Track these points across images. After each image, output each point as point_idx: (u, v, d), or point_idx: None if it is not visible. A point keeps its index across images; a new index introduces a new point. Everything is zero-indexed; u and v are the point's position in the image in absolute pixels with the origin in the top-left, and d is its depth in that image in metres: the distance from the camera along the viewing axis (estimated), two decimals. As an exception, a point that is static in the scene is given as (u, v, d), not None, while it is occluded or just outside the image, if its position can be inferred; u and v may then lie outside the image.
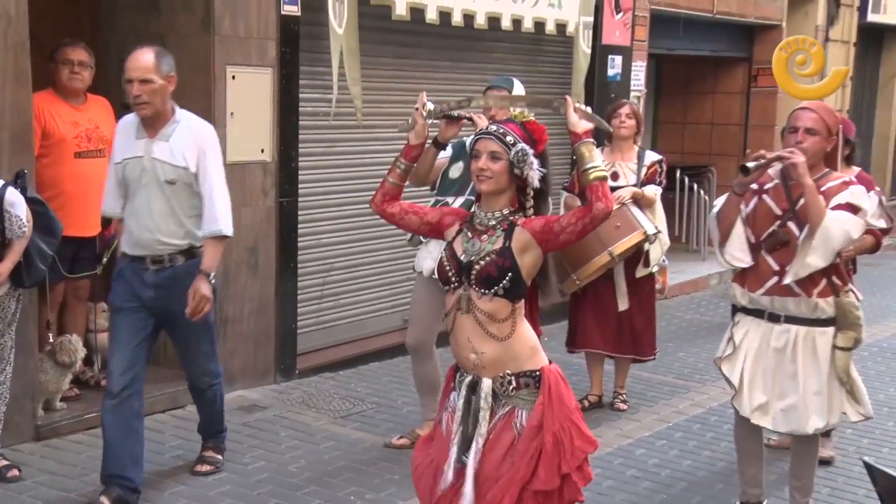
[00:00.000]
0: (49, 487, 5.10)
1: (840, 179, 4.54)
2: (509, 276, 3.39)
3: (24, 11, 5.42)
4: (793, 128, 4.53)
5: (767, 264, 4.53)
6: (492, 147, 3.46)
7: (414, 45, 7.92)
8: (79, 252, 6.14)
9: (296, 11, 6.87)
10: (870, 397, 7.24)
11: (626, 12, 9.83)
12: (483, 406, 3.45)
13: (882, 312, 10.62)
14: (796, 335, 4.53)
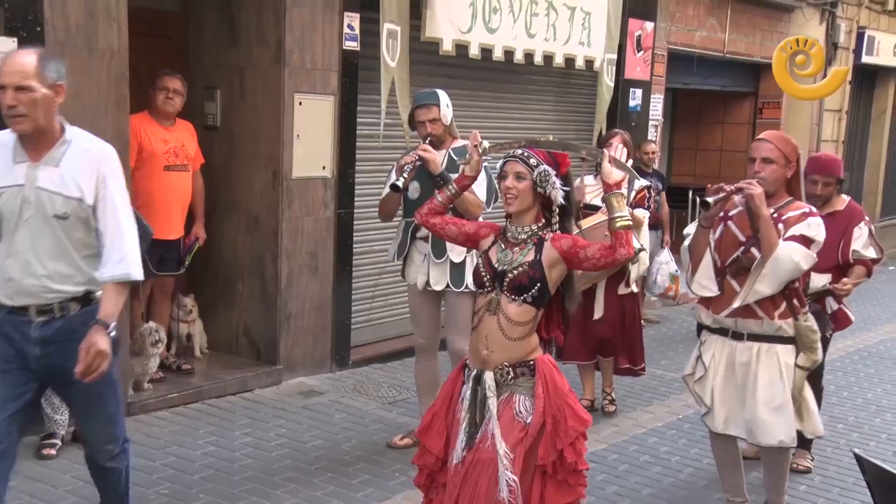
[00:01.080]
0: (137, 457, 5.07)
1: (801, 210, 4.32)
2: (538, 286, 3.44)
3: (125, 47, 5.54)
4: (751, 158, 4.38)
5: (732, 288, 4.33)
6: (517, 168, 3.49)
7: (459, 77, 7.86)
8: (165, 253, 6.15)
9: (355, 47, 6.92)
10: (859, 397, 7.42)
11: (646, 50, 9.80)
12: (489, 395, 3.47)
13: (871, 321, 10.60)
14: (759, 350, 4.32)
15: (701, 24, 10.80)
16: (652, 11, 9.86)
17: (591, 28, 8.77)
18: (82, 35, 5.36)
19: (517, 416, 3.46)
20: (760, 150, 4.32)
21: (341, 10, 6.80)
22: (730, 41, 11.27)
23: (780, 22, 12.26)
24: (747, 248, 4.28)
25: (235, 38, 6.71)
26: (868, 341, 9.58)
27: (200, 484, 4.89)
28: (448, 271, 5.28)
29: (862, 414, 7.04)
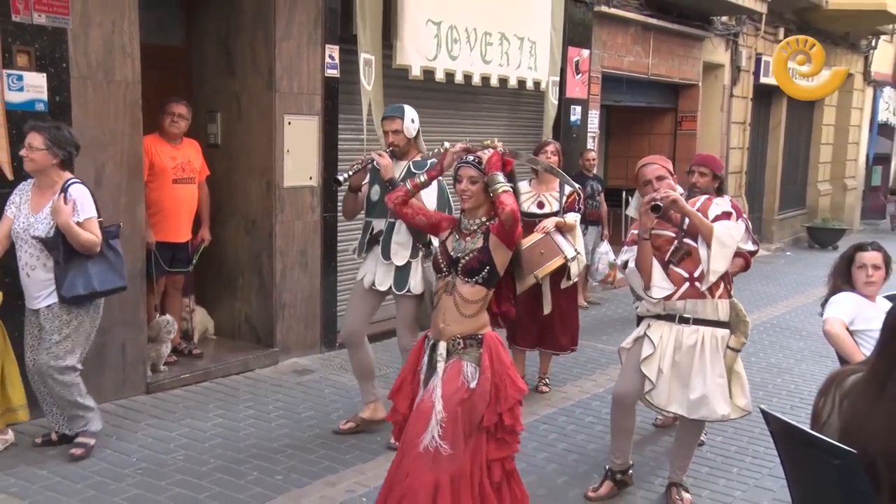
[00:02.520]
0: (156, 429, 5.19)
1: (703, 198, 4.40)
2: (487, 268, 3.48)
3: (139, 79, 5.52)
4: (646, 181, 4.28)
5: (678, 274, 4.18)
6: (470, 173, 3.54)
7: (426, 98, 7.77)
8: (175, 254, 6.15)
9: (336, 74, 6.91)
10: (763, 361, 7.56)
11: (583, 73, 9.84)
12: (439, 360, 3.52)
13: (772, 298, 10.83)
14: (703, 335, 4.17)
15: (628, 51, 10.88)
16: (587, 41, 9.90)
17: (537, 55, 8.79)
18: (102, 69, 5.34)
19: (463, 377, 3.48)
20: (651, 172, 4.30)
21: (323, 42, 6.78)
22: (653, 65, 11.34)
23: (694, 49, 12.36)
24: (681, 240, 4.19)
25: (233, 68, 6.69)
26: (770, 315, 9.79)
27: (211, 451, 4.90)
28: (392, 274, 5.01)
29: (766, 375, 7.17)
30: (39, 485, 4.34)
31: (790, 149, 17.14)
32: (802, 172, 18.31)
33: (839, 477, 2.68)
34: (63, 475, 4.46)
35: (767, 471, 4.95)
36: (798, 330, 9.04)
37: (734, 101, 13.82)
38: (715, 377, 4.17)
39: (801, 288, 11.76)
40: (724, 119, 13.57)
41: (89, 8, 5.24)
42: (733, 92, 13.76)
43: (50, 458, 4.67)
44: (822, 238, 16.89)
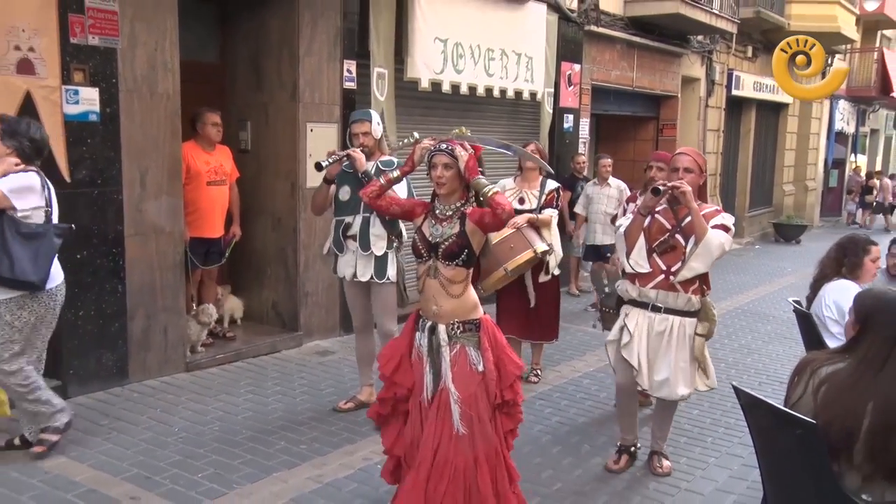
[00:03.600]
0: (194, 402, 5.23)
1: (713, 207, 4.24)
2: (466, 251, 3.34)
3: (178, 91, 5.55)
4: (673, 168, 4.18)
5: (657, 265, 4.12)
6: (444, 160, 3.37)
7: (433, 108, 7.90)
8: (210, 248, 6.18)
9: (353, 86, 6.93)
10: (735, 343, 7.60)
11: (575, 85, 9.86)
12: (442, 344, 3.36)
13: (743, 286, 10.88)
14: (672, 323, 4.14)
15: (615, 66, 10.90)
16: (578, 56, 9.92)
17: (534, 69, 8.81)
18: (146, 83, 5.38)
19: (472, 365, 3.36)
20: (682, 162, 4.16)
21: (341, 58, 6.82)
22: (637, 78, 11.37)
23: (673, 64, 12.39)
24: (672, 234, 4.11)
25: (261, 82, 6.72)
26: (741, 301, 9.86)
27: (243, 423, 4.94)
28: (372, 265, 4.90)
29: (737, 355, 7.22)
30: (96, 450, 4.41)
31: (759, 153, 17.24)
32: (769, 175, 18.39)
33: (800, 444, 2.74)
34: (115, 442, 4.52)
35: (738, 440, 5.00)
36: (765, 315, 9.08)
37: (709, 110, 13.88)
38: (679, 362, 4.15)
39: (769, 278, 11.83)
40: (700, 127, 13.61)
41: (136, 30, 5.28)
42: (708, 103, 13.81)
43: (102, 427, 4.73)
44: (787, 233, 17.05)
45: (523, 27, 8.63)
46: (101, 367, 5.32)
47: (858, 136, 24.63)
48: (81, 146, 5.06)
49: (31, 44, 4.68)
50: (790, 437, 2.77)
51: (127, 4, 5.21)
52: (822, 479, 2.69)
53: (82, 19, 4.99)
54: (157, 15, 5.39)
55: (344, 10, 6.78)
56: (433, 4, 7.35)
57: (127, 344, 5.44)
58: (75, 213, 5.08)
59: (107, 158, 5.23)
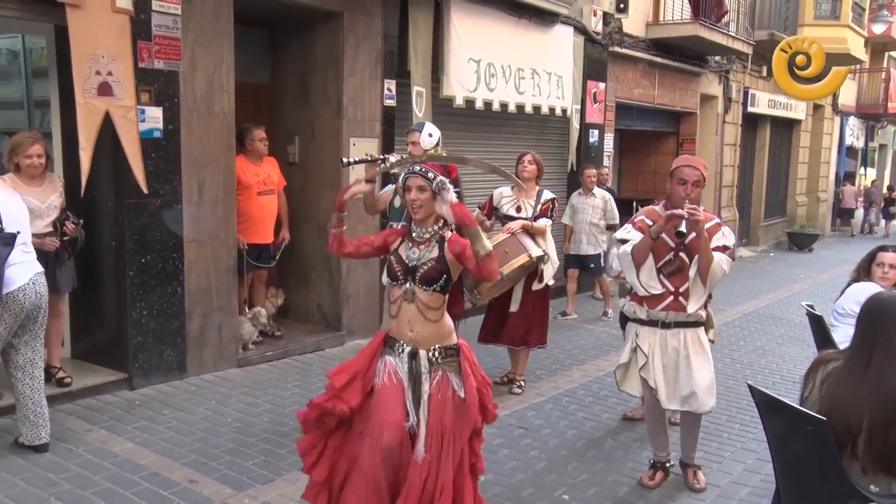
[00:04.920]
0: (245, 395, 5.30)
1: (714, 220, 3.92)
2: (444, 276, 3.08)
3: (233, 109, 5.66)
4: (682, 181, 3.84)
5: (666, 286, 3.89)
6: (419, 182, 3.09)
7: (467, 123, 7.92)
8: (261, 253, 6.23)
9: (393, 103, 6.98)
10: (750, 345, 7.48)
11: (600, 102, 9.84)
12: (423, 371, 3.09)
13: (758, 291, 10.68)
14: (685, 335, 3.92)
15: (638, 84, 10.88)
16: (603, 75, 9.91)
17: (563, 87, 8.84)
18: (204, 102, 5.49)
19: (454, 392, 3.10)
20: (692, 175, 3.84)
21: (382, 78, 6.88)
22: (658, 96, 11.31)
23: (693, 82, 12.31)
24: (677, 252, 3.86)
25: (308, 99, 6.80)
26: (756, 305, 9.73)
27: (290, 415, 4.94)
28: None
29: (752, 356, 7.14)
30: (158, 437, 4.52)
31: (773, 166, 17.09)
32: (783, 186, 18.20)
33: (810, 439, 2.74)
34: (175, 430, 4.62)
35: (752, 435, 4.96)
36: (779, 318, 8.97)
37: (726, 126, 13.76)
38: (701, 373, 3.91)
39: (783, 283, 11.69)
40: (718, 141, 13.51)
41: (196, 54, 5.41)
42: (725, 119, 13.71)
43: (164, 417, 4.84)
44: (800, 241, 16.90)
45: (552, 48, 8.66)
46: (162, 361, 5.44)
47: (868, 150, 24.32)
48: (147, 160, 5.17)
49: (110, 68, 4.82)
50: (802, 433, 2.77)
51: (189, 31, 5.34)
52: (831, 472, 2.69)
53: (150, 45, 5.13)
54: (215, 40, 5.51)
55: (385, 33, 6.85)
56: (467, 28, 7.42)
57: (185, 341, 5.54)
58: (141, 222, 5.23)
59: (168, 171, 5.35)
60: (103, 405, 4.99)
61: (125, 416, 4.83)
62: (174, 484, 3.92)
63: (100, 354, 5.43)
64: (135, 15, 4.95)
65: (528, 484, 4.12)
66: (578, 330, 7.81)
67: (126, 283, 5.21)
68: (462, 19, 7.35)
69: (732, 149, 14.25)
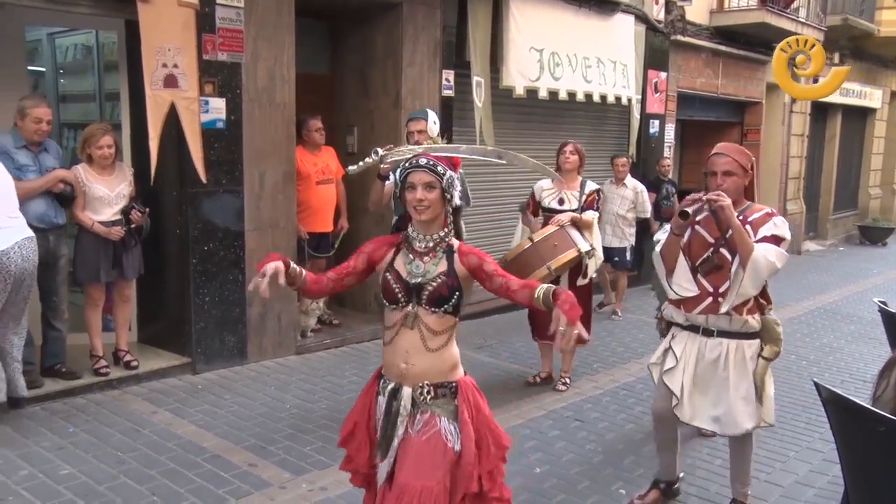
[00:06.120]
0: (304, 382, 5.37)
1: (763, 211, 3.42)
2: (457, 294, 2.48)
3: (293, 100, 5.75)
4: (712, 172, 3.42)
5: (703, 287, 3.43)
6: (426, 178, 2.45)
7: (526, 113, 7.90)
8: (320, 242, 6.31)
9: (451, 94, 7.01)
10: (817, 342, 7.27)
11: (661, 92, 9.68)
12: (402, 412, 2.48)
13: (826, 286, 10.40)
14: (727, 347, 3.42)
15: (701, 74, 10.64)
16: (664, 64, 9.73)
17: (628, 76, 8.72)
18: (266, 94, 5.59)
19: (445, 441, 2.45)
20: (720, 165, 3.40)
21: (440, 68, 6.90)
22: (722, 85, 11.05)
23: (758, 71, 11.96)
24: (717, 249, 3.41)
25: (367, 90, 6.86)
26: (823, 301, 9.45)
27: (347, 402, 4.94)
28: None
29: (819, 354, 6.93)
30: (220, 421, 4.63)
31: (844, 157, 16.47)
32: (855, 178, 17.52)
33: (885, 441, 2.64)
34: (236, 415, 4.73)
35: (818, 435, 4.82)
36: (849, 315, 8.68)
37: (794, 116, 13.33)
38: (739, 393, 3.42)
39: (853, 279, 11.27)
40: (784, 131, 13.11)
41: (258, 46, 5.51)
42: (793, 108, 13.29)
43: (225, 401, 4.96)
44: (873, 235, 16.27)
45: (613, 37, 8.55)
46: (223, 347, 5.58)
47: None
48: (209, 150, 5.30)
49: (176, 61, 4.95)
50: (873, 434, 2.67)
51: (251, 24, 5.44)
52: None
53: (214, 38, 5.25)
54: (277, 33, 5.60)
55: (443, 23, 6.86)
56: (527, 17, 7.37)
57: (246, 328, 5.67)
58: (203, 210, 5.36)
59: (230, 161, 5.47)
60: (168, 388, 5.15)
61: (188, 399, 4.97)
62: (235, 467, 4.02)
63: (165, 339, 5.60)
64: (199, 8, 5.07)
65: (583, 477, 4.09)
66: (636, 323, 7.70)
67: (189, 271, 5.35)
68: (521, 8, 7.31)
69: (800, 139, 13.81)
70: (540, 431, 4.68)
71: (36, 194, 4.63)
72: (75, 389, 4.88)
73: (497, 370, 5.91)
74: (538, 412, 5.00)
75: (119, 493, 3.68)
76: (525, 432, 4.64)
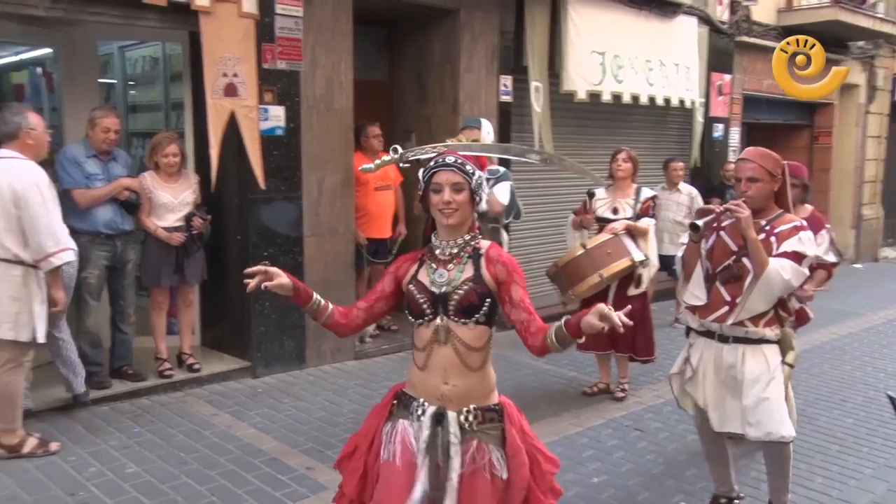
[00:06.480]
0: (361, 387, 5.41)
1: (792, 223, 3.22)
2: (488, 301, 2.30)
3: (351, 107, 5.82)
4: (737, 179, 3.31)
5: (720, 295, 3.29)
6: (455, 179, 2.29)
7: (586, 118, 7.82)
8: (378, 248, 6.32)
9: (509, 99, 7.00)
10: (894, 352, 6.92)
11: (726, 95, 9.48)
12: (453, 441, 2.26)
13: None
14: (744, 352, 3.28)
15: (768, 75, 10.17)
16: (729, 66, 9.51)
17: (691, 78, 8.57)
18: (324, 101, 5.68)
19: (494, 472, 2.28)
20: (745, 171, 3.26)
21: (498, 74, 6.90)
22: (791, 86, 10.74)
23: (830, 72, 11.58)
24: (738, 258, 3.26)
25: (425, 96, 6.90)
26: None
27: None
28: None
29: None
30: (279, 424, 4.69)
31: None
32: (936, 181, 16.74)
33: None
34: (294, 418, 4.79)
35: (896, 451, 4.60)
36: (930, 326, 8.26)
37: (869, 117, 12.80)
38: (758, 393, 3.25)
39: (933, 288, 10.74)
40: (859, 134, 12.62)
41: (316, 54, 5.60)
42: (869, 109, 12.77)
43: (284, 405, 5.03)
44: (956, 242, 15.47)
45: (675, 39, 8.42)
46: (283, 351, 5.66)
47: None
48: (269, 157, 5.40)
49: (236, 70, 5.08)
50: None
51: (309, 32, 5.53)
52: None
53: (273, 47, 5.35)
54: (335, 40, 5.68)
55: (501, 29, 6.86)
56: (586, 20, 7.30)
57: (305, 333, 5.74)
58: (263, 216, 5.45)
59: (289, 168, 5.56)
60: (229, 391, 5.25)
61: (248, 402, 5.06)
62: (292, 470, 4.06)
63: (226, 343, 5.72)
64: (259, 18, 5.17)
65: (643, 488, 4.00)
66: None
67: (250, 276, 5.43)
68: (580, 12, 7.25)
69: (877, 141, 13.26)
70: (598, 440, 4.60)
71: (102, 202, 4.79)
72: (141, 391, 5.03)
73: (555, 377, 5.84)
74: (597, 420, 4.92)
75: (180, 492, 3.76)
76: (583, 441, 4.57)
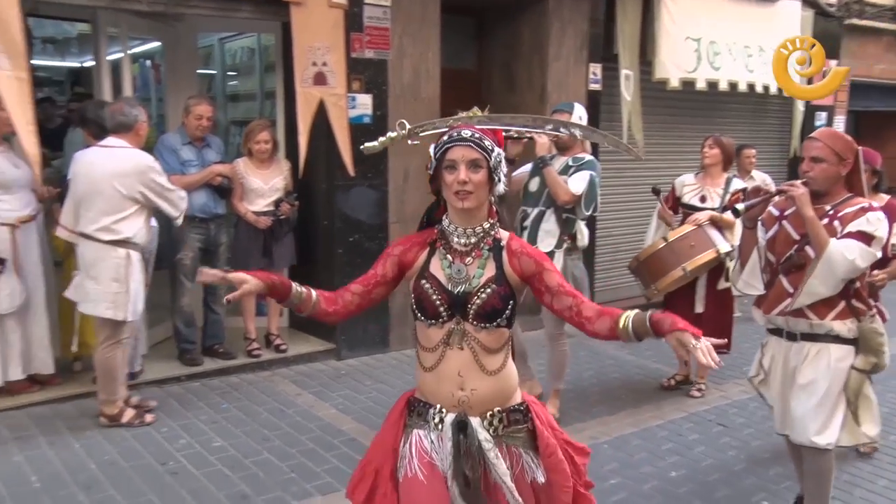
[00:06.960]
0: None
1: (858, 205, 3.01)
2: (511, 303, 2.07)
3: (438, 95, 5.88)
4: (802, 158, 3.15)
5: (783, 287, 3.13)
6: (472, 155, 2.03)
7: (678, 106, 7.65)
8: None
9: (598, 87, 6.91)
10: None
11: (831, 81, 9.08)
12: (487, 446, 2.06)
13: None
14: (808, 351, 3.11)
15: (880, 59, 9.78)
16: (835, 52, 9.01)
17: (793, 65, 8.24)
18: (411, 89, 5.76)
19: (529, 476, 2.12)
20: (809, 149, 3.10)
21: (587, 62, 6.81)
22: (904, 71, 10.14)
23: (952, 54, 10.85)
24: (801, 247, 3.09)
25: (513, 86, 6.88)
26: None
27: None
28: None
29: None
30: (359, 405, 4.82)
31: None
32: None
33: None
34: (375, 401, 4.90)
35: None
36: None
37: None
38: (811, 400, 3.08)
39: None
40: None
41: (404, 43, 5.68)
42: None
43: (366, 387, 5.16)
44: None
45: (777, 24, 8.04)
46: (366, 335, 5.80)
47: None
48: (357, 145, 5.50)
49: (325, 59, 5.22)
50: None
51: (398, 21, 5.61)
52: None
53: (361, 36, 5.47)
54: (423, 29, 5.74)
55: (590, 16, 6.77)
56: (681, 7, 7.09)
57: (389, 318, 5.86)
58: (349, 203, 5.59)
59: (376, 156, 5.59)
60: (313, 372, 5.42)
61: (331, 383, 5.22)
62: (370, 450, 4.17)
63: (312, 325, 5.88)
64: (348, 8, 5.30)
65: (723, 484, 3.90)
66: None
67: (336, 261, 5.60)
68: (675, -2, 7.05)
69: None
70: (679, 434, 4.52)
71: (196, 187, 5.02)
72: (230, 369, 5.27)
73: (637, 368, 5.76)
74: (678, 414, 4.83)
75: (262, 467, 3.93)
76: (663, 434, 4.50)
